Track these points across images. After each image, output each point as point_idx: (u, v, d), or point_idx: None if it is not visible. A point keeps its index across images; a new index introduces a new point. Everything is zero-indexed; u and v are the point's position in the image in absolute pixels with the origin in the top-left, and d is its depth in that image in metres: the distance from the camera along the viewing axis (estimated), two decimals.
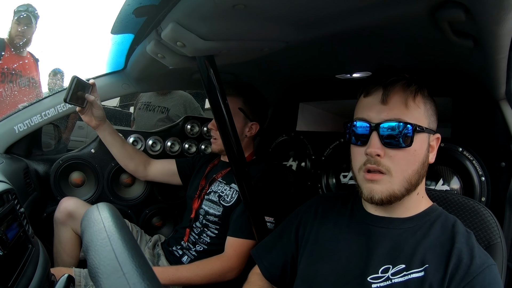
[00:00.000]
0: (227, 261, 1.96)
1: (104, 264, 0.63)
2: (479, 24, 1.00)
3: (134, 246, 0.69)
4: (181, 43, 1.24)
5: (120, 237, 0.70)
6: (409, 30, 1.21)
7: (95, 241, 0.70)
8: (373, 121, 1.21)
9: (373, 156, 1.20)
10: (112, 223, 0.75)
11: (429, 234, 1.20)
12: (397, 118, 1.19)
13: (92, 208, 0.83)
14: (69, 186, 2.51)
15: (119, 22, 1.41)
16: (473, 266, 1.09)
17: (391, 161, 1.19)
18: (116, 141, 2.36)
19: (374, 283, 1.17)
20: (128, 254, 0.65)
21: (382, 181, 1.20)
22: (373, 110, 1.23)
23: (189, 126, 2.86)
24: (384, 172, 1.19)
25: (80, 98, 2.06)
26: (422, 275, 1.12)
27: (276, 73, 2.10)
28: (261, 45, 1.40)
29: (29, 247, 1.35)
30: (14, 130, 2.22)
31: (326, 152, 2.52)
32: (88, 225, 0.76)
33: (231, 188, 2.14)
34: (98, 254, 0.66)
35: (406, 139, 1.18)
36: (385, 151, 1.19)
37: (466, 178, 1.81)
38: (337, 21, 1.16)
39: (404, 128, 1.17)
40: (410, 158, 1.20)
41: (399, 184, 1.20)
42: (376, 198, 1.20)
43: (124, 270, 0.61)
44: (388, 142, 1.18)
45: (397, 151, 1.19)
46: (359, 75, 1.84)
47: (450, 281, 1.08)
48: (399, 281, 1.14)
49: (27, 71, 4.33)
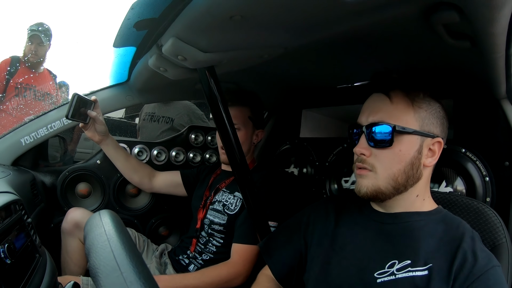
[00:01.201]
0: (233, 267, 1.97)
1: (103, 264, 0.68)
2: (474, 24, 1.02)
3: (131, 248, 0.73)
4: (182, 57, 1.27)
5: (119, 240, 0.75)
6: (406, 35, 1.24)
7: (96, 243, 0.74)
8: (362, 124, 1.29)
9: (359, 155, 1.29)
10: (112, 227, 0.79)
11: (435, 233, 1.22)
12: (380, 120, 1.25)
13: (94, 215, 0.88)
14: (75, 197, 2.53)
15: (120, 35, 1.43)
16: (477, 267, 1.10)
17: (376, 160, 1.26)
18: (120, 155, 2.39)
19: (379, 278, 1.20)
20: (126, 255, 0.69)
21: (368, 176, 1.28)
22: (364, 114, 1.31)
23: (193, 136, 2.88)
24: (370, 169, 1.27)
25: (83, 115, 2.09)
26: (426, 274, 1.13)
27: (277, 80, 2.12)
28: (260, 52, 1.42)
29: (37, 256, 1.37)
30: (20, 142, 2.24)
31: (329, 158, 2.53)
32: (90, 230, 0.80)
33: (235, 197, 2.16)
34: (99, 255, 0.70)
35: (387, 140, 1.23)
36: (371, 151, 1.27)
37: (470, 179, 1.81)
38: (332, 26, 1.18)
39: (385, 129, 1.23)
40: (394, 158, 1.25)
41: (384, 181, 1.25)
42: (362, 192, 1.28)
43: (122, 269, 0.66)
44: (372, 141, 1.26)
45: (381, 151, 1.26)
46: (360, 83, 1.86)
47: (454, 280, 1.09)
48: (402, 277, 1.16)
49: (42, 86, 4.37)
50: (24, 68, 4.18)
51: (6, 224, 1.22)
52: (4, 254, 1.11)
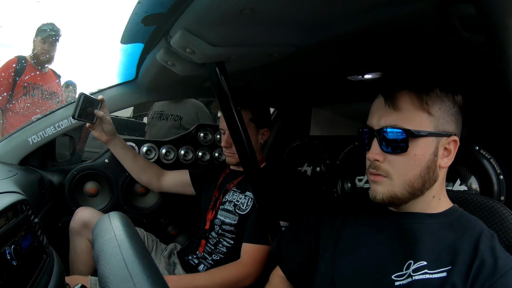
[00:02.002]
0: (243, 267, 1.95)
1: (114, 274, 0.62)
2: (490, 18, 0.99)
3: (145, 255, 0.68)
4: (191, 50, 1.25)
5: (131, 246, 0.70)
6: (419, 28, 1.20)
7: (105, 250, 0.69)
8: (374, 127, 1.23)
9: (372, 161, 1.23)
10: (123, 232, 0.75)
11: (451, 234, 1.19)
12: (393, 124, 1.19)
13: (103, 217, 0.83)
14: (83, 196, 2.52)
15: (128, 31, 1.41)
16: (496, 268, 1.06)
17: (390, 166, 1.21)
18: (128, 155, 2.37)
19: (397, 281, 1.16)
20: (139, 264, 0.64)
21: (382, 182, 1.22)
22: (375, 116, 1.24)
23: (202, 134, 2.86)
24: (385, 175, 1.21)
25: (90, 114, 2.08)
26: (444, 276, 1.10)
27: (287, 78, 2.09)
28: (270, 50, 1.39)
29: (44, 257, 1.35)
30: (28, 141, 2.24)
31: (340, 156, 2.51)
32: (99, 234, 0.75)
33: (246, 197, 2.13)
34: (108, 264, 0.65)
35: (401, 145, 1.18)
36: (385, 156, 1.21)
37: (484, 177, 1.79)
38: (345, 22, 1.15)
39: (398, 134, 1.18)
40: (409, 163, 1.19)
41: (400, 187, 1.20)
42: (377, 198, 1.23)
43: (135, 280, 0.60)
44: (385, 147, 1.20)
45: (395, 156, 1.20)
46: (371, 76, 1.82)
47: (474, 282, 1.06)
48: (419, 279, 1.13)
49: (48, 85, 4.39)
50: (31, 67, 4.18)
51: (12, 224, 1.21)
52: (10, 256, 1.10)
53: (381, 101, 1.23)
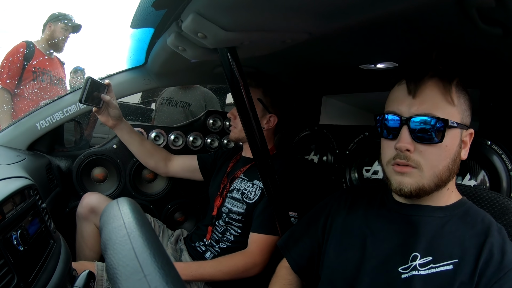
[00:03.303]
0: (251, 257, 1.94)
1: (123, 265, 0.59)
2: (510, 11, 0.96)
3: (156, 244, 0.65)
4: (202, 34, 1.21)
5: (141, 234, 0.66)
6: (435, 18, 1.16)
7: (114, 238, 0.66)
8: (403, 115, 1.19)
9: (403, 151, 1.18)
10: (133, 219, 0.71)
11: (459, 227, 1.18)
12: (428, 112, 1.16)
13: (111, 203, 0.79)
14: (91, 181, 2.53)
15: (138, 15, 1.39)
16: (504, 261, 1.06)
17: (421, 156, 1.17)
18: (135, 140, 2.37)
19: (403, 274, 1.16)
20: (150, 254, 0.60)
21: (411, 174, 1.18)
22: (403, 103, 1.20)
23: (211, 121, 2.86)
24: (414, 166, 1.17)
25: (96, 99, 2.07)
26: (451, 269, 1.10)
27: (298, 66, 2.06)
28: (283, 36, 1.36)
29: (51, 242, 1.35)
30: (36, 127, 2.24)
31: (350, 146, 2.48)
32: (107, 221, 0.71)
33: (254, 185, 2.12)
34: (117, 253, 0.61)
35: (438, 135, 1.15)
36: (415, 146, 1.17)
37: (494, 173, 1.75)
38: (362, 10, 1.12)
39: (436, 123, 1.15)
40: (441, 154, 1.18)
41: (429, 179, 1.17)
42: (405, 191, 1.18)
43: (145, 271, 0.56)
44: (419, 136, 1.16)
45: (427, 146, 1.17)
46: (384, 65, 1.79)
47: (481, 276, 1.06)
48: (426, 274, 1.12)
49: (56, 71, 4.40)
50: (39, 52, 4.17)
51: (19, 209, 1.20)
52: (17, 241, 1.09)
53: (405, 88, 1.21)
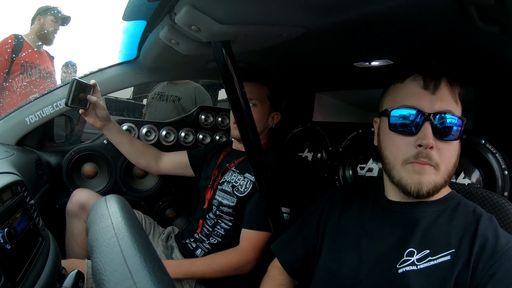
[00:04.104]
0: (243, 254, 1.93)
1: (110, 270, 0.54)
2: (509, 9, 0.95)
3: (147, 247, 0.60)
4: (196, 27, 1.20)
5: (131, 236, 0.62)
6: (433, 16, 1.16)
7: (101, 240, 0.61)
8: (426, 111, 1.18)
9: (427, 148, 1.16)
10: (122, 219, 0.67)
11: (452, 218, 1.19)
12: (449, 109, 1.17)
13: (99, 201, 0.75)
14: (81, 177, 2.51)
15: (130, 8, 1.37)
16: (499, 245, 1.08)
17: (438, 154, 1.17)
18: (124, 140, 2.35)
19: (400, 268, 1.15)
20: (140, 258, 0.56)
21: (429, 172, 1.17)
22: (424, 99, 1.19)
23: (203, 117, 2.85)
24: (433, 165, 1.17)
25: (83, 100, 2.03)
26: (449, 259, 1.10)
27: (292, 61, 2.06)
28: (279, 30, 1.34)
29: (39, 240, 1.33)
30: (25, 121, 2.21)
31: (343, 144, 2.48)
32: (94, 221, 0.67)
33: (245, 178, 2.11)
34: (104, 257, 0.57)
35: (456, 133, 1.18)
36: (435, 143, 1.16)
37: (488, 172, 1.77)
38: (358, 6, 1.11)
39: (457, 121, 1.17)
40: (453, 151, 1.20)
41: (442, 177, 1.18)
42: (424, 191, 1.17)
43: (135, 278, 0.52)
44: (441, 134, 1.17)
45: (444, 144, 1.18)
46: (378, 63, 1.80)
47: (477, 261, 1.07)
48: (425, 267, 1.13)
49: (45, 65, 4.40)
50: (28, 46, 4.18)
51: (6, 206, 1.18)
52: (3, 239, 1.07)
53: (421, 83, 1.21)
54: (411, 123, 1.19)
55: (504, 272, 1.03)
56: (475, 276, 1.06)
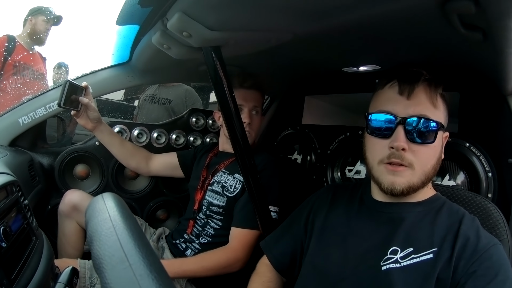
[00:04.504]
0: (233, 252, 1.96)
1: (109, 255, 0.61)
2: (489, 17, 0.98)
3: (140, 236, 0.67)
4: (188, 33, 1.23)
5: (126, 226, 0.68)
6: (417, 23, 1.20)
7: (99, 231, 0.68)
8: (399, 115, 1.23)
9: (398, 150, 1.21)
10: (118, 212, 0.73)
11: (436, 219, 1.23)
12: (423, 114, 1.21)
13: (97, 198, 0.81)
14: (73, 178, 2.51)
15: (124, 12, 1.39)
16: (480, 244, 1.12)
17: (413, 156, 1.21)
18: (115, 141, 2.37)
19: (384, 266, 1.19)
20: (135, 244, 0.63)
21: (403, 173, 1.22)
22: (399, 104, 1.24)
23: (194, 119, 2.86)
24: (407, 166, 1.21)
25: (75, 101, 2.05)
26: (431, 257, 1.14)
27: (282, 65, 2.09)
28: (268, 36, 1.38)
29: (33, 239, 1.35)
30: (18, 122, 2.21)
31: (331, 146, 2.51)
32: (93, 215, 0.73)
33: (234, 178, 2.14)
34: (103, 244, 0.64)
35: (431, 135, 1.22)
36: (408, 146, 1.21)
37: (473, 174, 1.81)
38: (345, 12, 1.14)
39: (431, 124, 1.21)
40: (430, 153, 1.24)
41: (418, 178, 1.22)
42: (397, 190, 1.22)
43: (130, 260, 0.59)
44: (413, 137, 1.21)
45: (420, 146, 1.22)
46: (366, 68, 1.83)
47: (459, 259, 1.11)
48: (408, 264, 1.16)
49: (38, 66, 4.39)
50: (21, 47, 4.16)
51: (2, 206, 1.19)
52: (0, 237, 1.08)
53: (397, 89, 1.26)
54: (386, 127, 1.25)
55: (484, 270, 1.07)
56: (457, 274, 1.10)
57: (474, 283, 1.06)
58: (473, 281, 1.07)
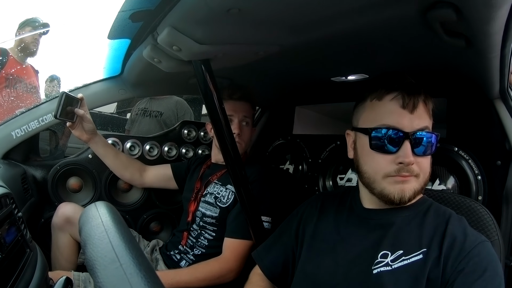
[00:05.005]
0: (226, 262, 1.97)
1: (101, 256, 0.65)
2: (470, 24, 1.01)
3: (130, 239, 0.71)
4: (177, 47, 1.25)
5: (118, 230, 0.72)
6: (402, 32, 1.23)
7: (93, 235, 0.71)
8: (405, 130, 1.22)
9: (409, 165, 1.21)
10: (110, 218, 0.77)
11: (424, 221, 1.25)
12: (425, 127, 1.24)
13: (90, 206, 0.85)
14: (66, 191, 2.51)
15: (115, 27, 1.41)
16: (467, 242, 1.14)
17: (418, 166, 1.24)
18: (109, 153, 2.38)
19: (375, 269, 1.21)
20: (125, 246, 0.67)
21: (411, 181, 1.24)
22: (404, 118, 1.23)
23: (186, 131, 2.87)
24: (414, 175, 1.24)
25: (70, 113, 2.07)
26: (421, 258, 1.16)
27: (271, 77, 2.11)
28: (256, 48, 1.41)
29: (27, 251, 1.35)
30: (11, 135, 2.21)
31: (322, 155, 2.54)
32: (86, 221, 0.77)
33: (227, 189, 2.15)
34: (96, 247, 0.67)
35: (433, 147, 1.25)
36: (414, 159, 1.22)
37: (463, 178, 1.84)
38: (330, 24, 1.17)
39: (433, 137, 1.24)
40: (429, 162, 1.28)
41: (421, 185, 1.26)
42: (406, 198, 1.23)
43: (121, 261, 0.63)
44: (419, 150, 1.22)
45: (423, 158, 1.24)
46: (355, 77, 1.85)
47: (447, 258, 1.13)
48: (398, 266, 1.18)
49: (31, 79, 4.38)
50: (13, 60, 4.16)
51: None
52: None
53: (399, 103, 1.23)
54: (392, 142, 1.22)
55: (472, 267, 1.09)
56: (446, 272, 1.12)
57: (463, 280, 1.08)
58: (462, 278, 1.09)
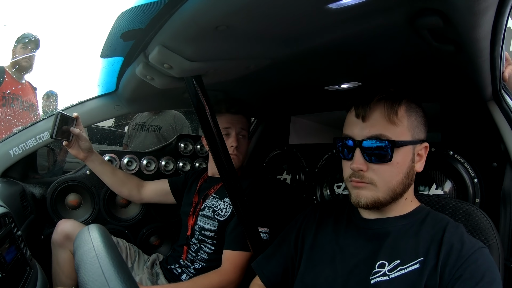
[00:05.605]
0: (225, 275, 1.97)
1: (92, 280, 0.68)
2: (457, 30, 1.03)
3: (120, 263, 0.74)
4: (168, 65, 1.28)
5: (108, 255, 0.75)
6: (392, 39, 1.24)
7: (85, 260, 0.75)
8: (356, 138, 1.27)
9: (357, 171, 1.26)
10: (101, 243, 0.80)
11: (421, 229, 1.26)
12: (378, 134, 1.24)
13: (83, 230, 0.89)
14: (65, 208, 2.51)
15: (107, 46, 1.42)
16: (464, 250, 1.15)
17: (374, 174, 1.26)
18: (106, 170, 2.38)
19: (373, 279, 1.22)
20: (114, 271, 0.70)
21: (367, 188, 1.27)
22: (356, 127, 1.29)
23: (183, 145, 2.89)
24: (368, 183, 1.26)
25: (66, 132, 2.07)
26: (418, 267, 1.17)
27: (265, 88, 2.13)
28: (247, 63, 1.43)
29: (27, 269, 1.36)
30: (9, 154, 2.23)
31: (319, 164, 2.55)
32: (79, 246, 0.81)
33: (224, 202, 2.16)
34: (87, 271, 0.71)
35: (386, 155, 1.23)
36: (368, 166, 1.25)
37: (459, 181, 1.85)
38: (319, 36, 1.19)
39: (383, 144, 1.23)
40: (393, 170, 1.26)
41: (384, 193, 1.26)
42: (362, 203, 1.27)
43: (110, 285, 0.66)
44: (370, 157, 1.25)
45: (380, 165, 1.25)
46: (348, 85, 1.86)
47: (444, 266, 1.14)
48: (396, 276, 1.19)
49: (28, 97, 4.39)
50: (10, 78, 4.18)
51: None
52: None
53: (353, 114, 1.30)
54: (347, 150, 1.31)
55: (470, 274, 1.10)
56: (443, 280, 1.13)
57: (461, 287, 1.09)
58: (459, 285, 1.10)
